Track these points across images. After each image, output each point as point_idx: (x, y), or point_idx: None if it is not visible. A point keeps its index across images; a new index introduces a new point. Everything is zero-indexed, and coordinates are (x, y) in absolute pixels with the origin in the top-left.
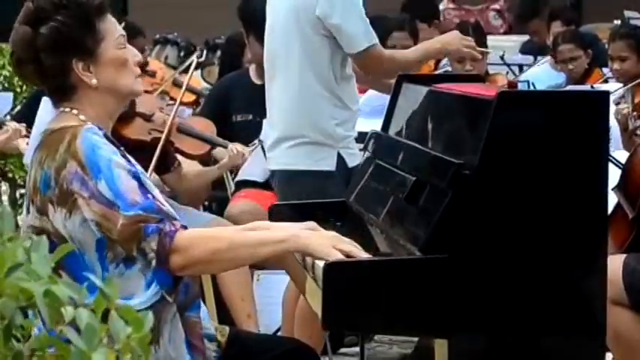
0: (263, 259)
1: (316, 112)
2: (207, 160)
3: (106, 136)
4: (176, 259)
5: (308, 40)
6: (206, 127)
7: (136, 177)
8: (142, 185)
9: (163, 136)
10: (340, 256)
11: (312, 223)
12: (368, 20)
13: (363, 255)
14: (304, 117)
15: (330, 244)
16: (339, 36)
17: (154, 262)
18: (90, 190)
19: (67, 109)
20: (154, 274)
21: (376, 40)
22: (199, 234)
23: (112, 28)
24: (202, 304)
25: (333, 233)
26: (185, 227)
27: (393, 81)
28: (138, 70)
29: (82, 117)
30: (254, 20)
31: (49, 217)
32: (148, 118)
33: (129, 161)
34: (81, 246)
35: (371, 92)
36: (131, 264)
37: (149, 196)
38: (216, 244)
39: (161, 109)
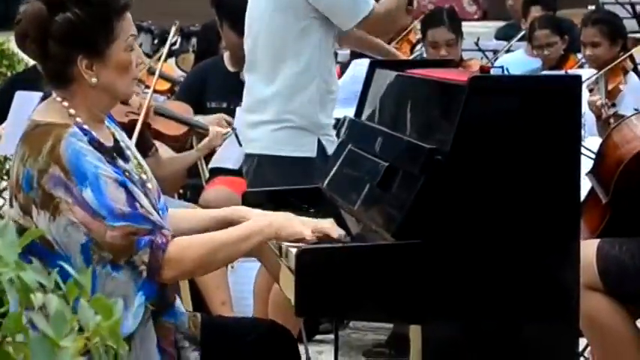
0: (247, 252)
1: (300, 98)
2: (182, 146)
3: (90, 141)
4: (168, 272)
5: (294, 26)
6: (185, 110)
7: (123, 185)
8: (129, 194)
9: (141, 117)
10: (310, 235)
11: (289, 214)
12: None
13: (338, 232)
14: (288, 102)
15: (302, 226)
16: (333, 16)
17: (144, 274)
18: (74, 196)
19: (59, 99)
20: (141, 285)
21: (368, 5)
22: (189, 243)
23: (127, 27)
24: (182, 309)
25: (306, 218)
26: (174, 236)
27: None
28: (138, 73)
29: (71, 111)
30: (227, 8)
31: (33, 219)
32: (124, 101)
33: (115, 165)
34: (66, 249)
35: (345, 78)
36: (119, 268)
37: (136, 205)
38: (204, 249)
39: (137, 94)
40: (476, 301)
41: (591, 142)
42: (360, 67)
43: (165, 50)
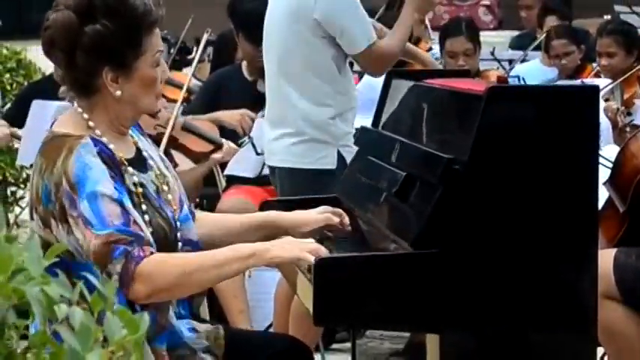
0: (230, 277)
1: (318, 110)
2: (201, 158)
3: (101, 152)
4: (139, 287)
5: (307, 42)
6: (211, 128)
7: (119, 202)
8: (124, 211)
9: (167, 132)
10: (309, 256)
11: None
12: (367, 15)
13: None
14: (306, 115)
15: (294, 249)
16: (339, 38)
17: (116, 284)
18: (78, 209)
19: (79, 110)
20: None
21: (375, 37)
22: (165, 261)
23: (155, 42)
24: (191, 324)
25: (294, 239)
26: (153, 253)
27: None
28: (161, 89)
29: (90, 123)
30: (244, 19)
31: (53, 231)
32: (153, 115)
33: (121, 181)
34: (87, 258)
35: (360, 86)
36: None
37: (130, 218)
38: (182, 268)
39: (165, 107)
40: (494, 311)
41: (609, 150)
42: None
43: (197, 57)
